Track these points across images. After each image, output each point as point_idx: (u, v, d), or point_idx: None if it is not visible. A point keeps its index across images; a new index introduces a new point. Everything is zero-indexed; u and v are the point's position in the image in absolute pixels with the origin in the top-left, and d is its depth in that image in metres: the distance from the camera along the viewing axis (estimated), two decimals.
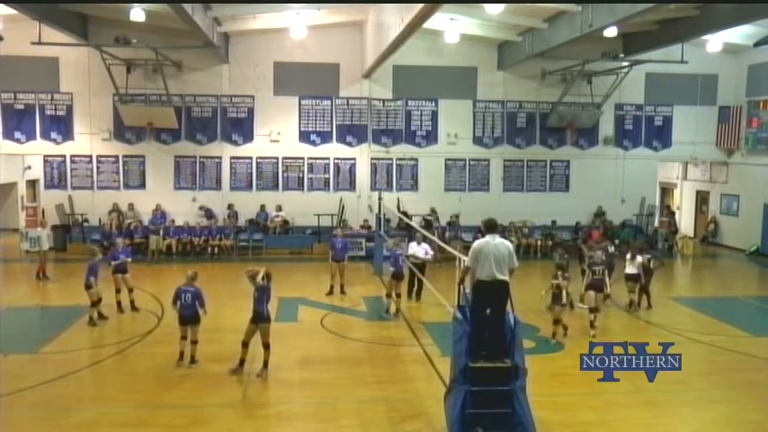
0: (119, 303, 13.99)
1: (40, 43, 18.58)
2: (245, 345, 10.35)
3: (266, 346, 10.33)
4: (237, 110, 22.35)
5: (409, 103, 22.89)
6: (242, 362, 10.39)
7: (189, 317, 10.65)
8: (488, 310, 7.75)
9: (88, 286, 12.90)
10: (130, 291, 14.18)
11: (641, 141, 23.96)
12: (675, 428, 9.03)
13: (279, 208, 22.28)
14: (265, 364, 10.31)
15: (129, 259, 14.58)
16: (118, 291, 14.03)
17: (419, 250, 14.93)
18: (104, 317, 13.18)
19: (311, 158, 22.74)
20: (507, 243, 8.02)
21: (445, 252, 14.59)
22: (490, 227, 8.10)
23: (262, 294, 10.27)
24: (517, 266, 7.97)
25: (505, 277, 7.77)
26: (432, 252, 15.19)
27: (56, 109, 21.79)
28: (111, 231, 20.86)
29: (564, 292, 12.35)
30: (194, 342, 10.66)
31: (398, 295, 14.11)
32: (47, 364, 10.73)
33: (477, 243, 7.93)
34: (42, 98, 21.71)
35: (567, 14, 17.10)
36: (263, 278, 10.37)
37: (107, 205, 21.83)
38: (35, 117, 21.73)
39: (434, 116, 23.01)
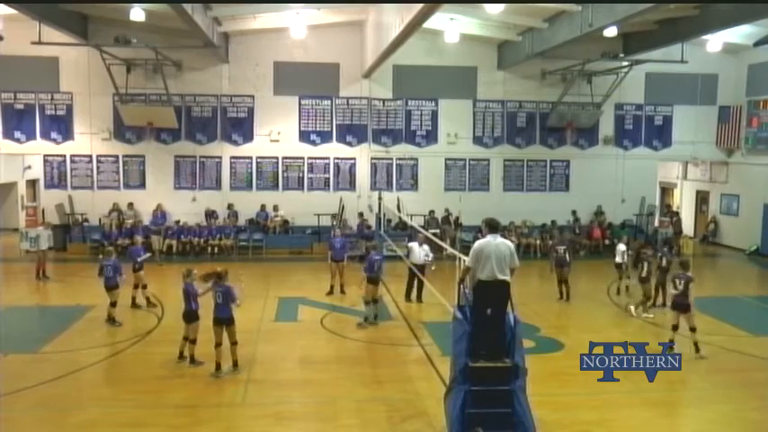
0: (134, 299, 14.24)
1: (40, 43, 18.58)
2: (218, 345, 10.29)
3: (234, 343, 10.38)
4: (237, 110, 22.35)
5: (409, 102, 22.89)
6: (235, 363, 10.40)
7: (185, 315, 10.68)
8: (489, 310, 7.75)
9: (115, 286, 12.93)
10: (135, 287, 14.35)
11: (641, 141, 23.96)
12: (675, 428, 9.05)
13: (276, 208, 22.28)
14: (235, 363, 10.39)
15: (149, 254, 15.46)
16: (136, 287, 14.29)
17: (419, 252, 14.87)
18: (117, 322, 13.03)
19: (311, 158, 22.73)
20: (508, 243, 8.00)
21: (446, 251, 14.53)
22: (492, 227, 8.07)
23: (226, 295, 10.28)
24: (518, 266, 7.96)
25: (506, 277, 7.76)
26: (432, 255, 14.99)
27: (56, 109, 21.79)
28: (111, 231, 20.92)
29: None
30: (192, 341, 10.65)
31: (376, 301, 13.60)
32: (47, 364, 10.73)
33: (478, 243, 7.91)
34: (42, 98, 21.71)
35: (567, 14, 17.09)
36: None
37: (107, 205, 21.83)
38: (35, 117, 21.73)
39: (434, 116, 23.01)
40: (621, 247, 15.98)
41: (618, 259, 15.95)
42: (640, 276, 14.39)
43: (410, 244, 15.45)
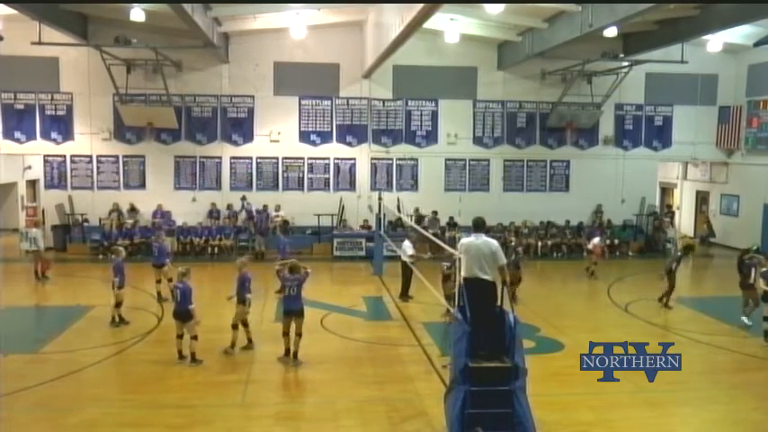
0: (159, 294, 14.61)
1: (40, 43, 18.58)
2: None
3: (300, 335, 10.90)
4: (237, 110, 22.34)
5: (409, 103, 22.89)
6: (293, 354, 10.83)
7: (179, 314, 10.72)
8: (470, 308, 7.80)
9: (119, 286, 12.90)
10: (158, 282, 14.65)
11: (641, 141, 23.96)
12: (675, 428, 9.04)
13: (278, 208, 22.28)
14: (288, 352, 10.87)
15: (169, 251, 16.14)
16: (158, 281, 14.67)
17: (408, 248, 15.41)
18: (125, 321, 13.02)
19: (311, 158, 22.72)
20: (492, 242, 8.05)
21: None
22: (477, 225, 8.20)
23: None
24: (505, 263, 8.00)
25: (488, 276, 7.85)
26: (410, 250, 15.43)
27: (56, 109, 21.78)
28: (111, 231, 20.91)
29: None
30: (193, 338, 10.67)
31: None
32: (47, 364, 10.73)
33: (461, 242, 8.07)
34: (42, 98, 21.69)
35: (567, 14, 17.09)
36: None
37: (107, 205, 21.81)
38: (35, 117, 21.71)
39: (434, 116, 23.01)
40: (596, 239, 19.21)
41: (591, 247, 19.14)
42: (745, 282, 13.38)
43: (404, 244, 15.80)
